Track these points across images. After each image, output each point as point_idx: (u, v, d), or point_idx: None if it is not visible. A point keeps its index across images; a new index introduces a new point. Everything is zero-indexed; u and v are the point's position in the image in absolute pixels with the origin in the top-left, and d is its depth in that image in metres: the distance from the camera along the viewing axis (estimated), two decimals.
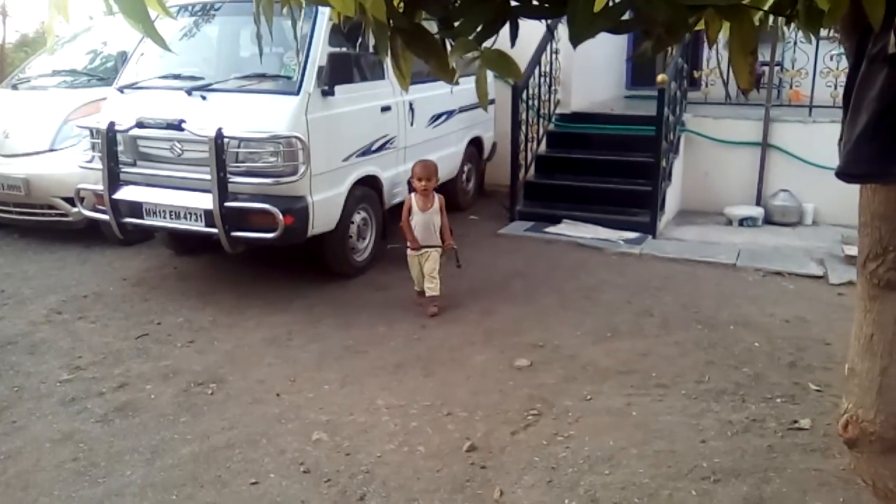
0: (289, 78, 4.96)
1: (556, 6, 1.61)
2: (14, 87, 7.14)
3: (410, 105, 5.98)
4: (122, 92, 5.34)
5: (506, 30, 1.82)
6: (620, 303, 5.06)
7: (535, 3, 1.72)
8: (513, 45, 1.76)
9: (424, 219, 4.91)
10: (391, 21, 1.96)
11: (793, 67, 7.37)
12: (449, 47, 1.99)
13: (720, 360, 4.18)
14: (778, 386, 3.86)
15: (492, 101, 7.77)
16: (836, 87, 7.31)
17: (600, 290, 5.31)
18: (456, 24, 1.83)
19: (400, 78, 2.18)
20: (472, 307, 4.96)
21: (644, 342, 4.42)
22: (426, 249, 4.90)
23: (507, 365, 4.10)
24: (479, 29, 1.71)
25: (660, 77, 6.41)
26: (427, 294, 4.87)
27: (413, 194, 4.96)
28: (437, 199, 4.98)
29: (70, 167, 5.74)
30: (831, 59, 7.14)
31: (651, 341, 4.44)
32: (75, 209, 5.63)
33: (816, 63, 7.18)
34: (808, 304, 5.04)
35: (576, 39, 1.52)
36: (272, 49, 5.68)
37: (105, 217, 5.13)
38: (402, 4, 2.03)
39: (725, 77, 8.12)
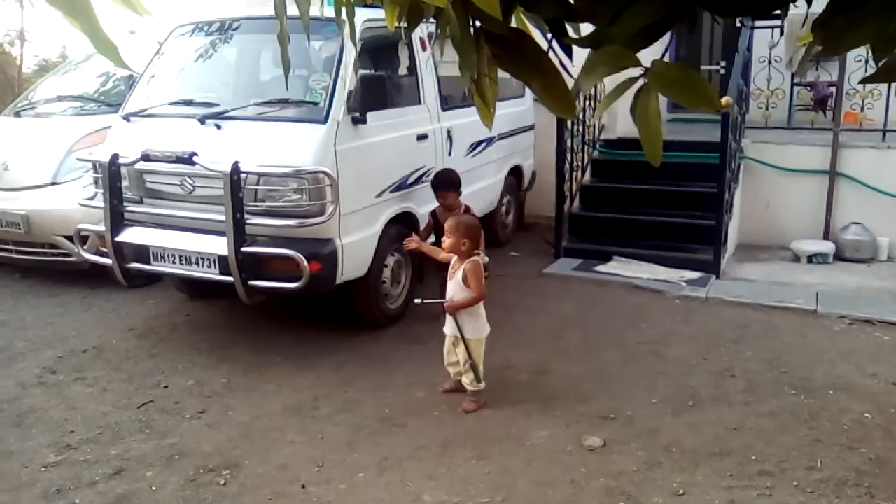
0: (315, 104, 4.36)
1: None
2: (17, 114, 6.61)
3: (448, 132, 5.37)
4: (127, 120, 4.77)
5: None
6: (695, 359, 4.38)
7: None
8: (677, 54, 1.14)
9: (450, 287, 3.85)
10: (477, 23, 1.34)
11: (864, 88, 6.70)
12: (558, 62, 1.36)
13: (829, 437, 3.49)
14: None
15: (531, 127, 7.20)
16: None
17: (668, 342, 4.64)
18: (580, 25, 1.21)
19: (483, 108, 1.56)
20: (522, 365, 4.30)
21: (732, 413, 3.74)
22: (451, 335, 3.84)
23: (575, 444, 3.43)
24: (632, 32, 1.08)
25: (724, 100, 5.76)
26: (468, 389, 3.81)
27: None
28: (468, 265, 3.75)
29: (74, 203, 5.17)
30: None
31: (740, 411, 3.76)
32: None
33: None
34: None
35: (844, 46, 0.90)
36: (295, 71, 5.12)
37: (108, 261, 4.54)
38: None
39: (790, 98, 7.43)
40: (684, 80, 1.07)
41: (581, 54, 1.54)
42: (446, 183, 4.85)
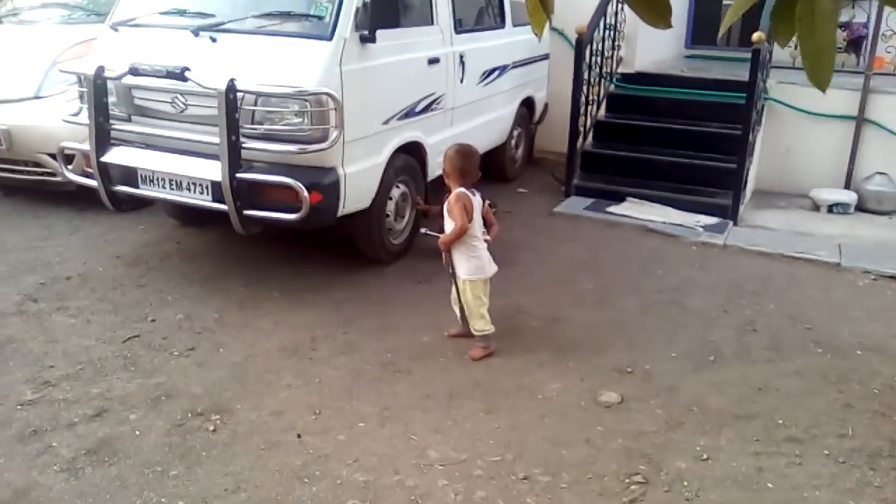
0: (320, 18, 3.99)
1: None
2: None
3: (461, 58, 5.01)
4: (115, 30, 4.38)
5: None
6: (715, 311, 4.15)
7: None
8: None
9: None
10: None
11: None
12: None
13: (859, 402, 3.27)
14: None
15: (546, 56, 6.82)
16: None
17: (686, 291, 4.40)
18: None
19: (537, 15, 1.26)
20: (534, 310, 4.06)
21: (756, 371, 3.52)
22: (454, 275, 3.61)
23: (590, 399, 3.21)
24: None
25: (756, 35, 5.37)
26: (475, 334, 3.59)
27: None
28: (451, 197, 3.54)
29: (58, 119, 4.82)
30: None
31: (764, 369, 3.54)
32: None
33: None
34: None
35: None
36: None
37: (93, 183, 4.23)
38: None
39: None
40: None
41: None
42: None
